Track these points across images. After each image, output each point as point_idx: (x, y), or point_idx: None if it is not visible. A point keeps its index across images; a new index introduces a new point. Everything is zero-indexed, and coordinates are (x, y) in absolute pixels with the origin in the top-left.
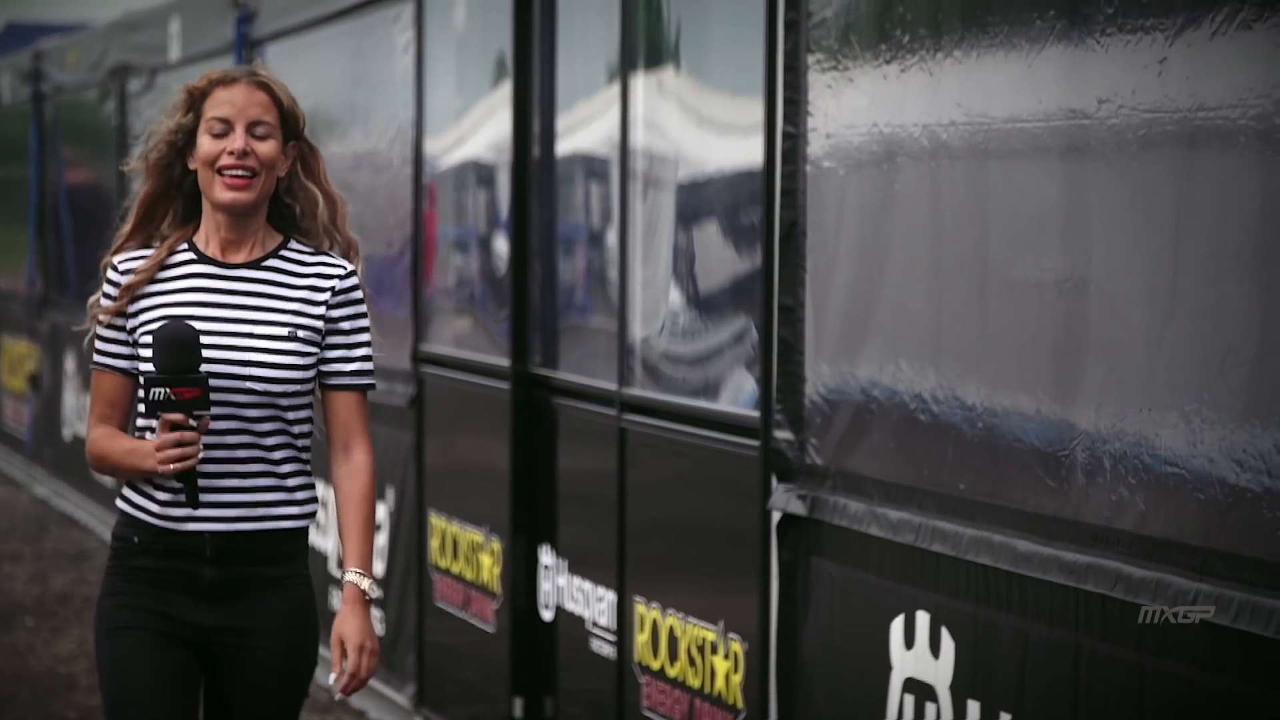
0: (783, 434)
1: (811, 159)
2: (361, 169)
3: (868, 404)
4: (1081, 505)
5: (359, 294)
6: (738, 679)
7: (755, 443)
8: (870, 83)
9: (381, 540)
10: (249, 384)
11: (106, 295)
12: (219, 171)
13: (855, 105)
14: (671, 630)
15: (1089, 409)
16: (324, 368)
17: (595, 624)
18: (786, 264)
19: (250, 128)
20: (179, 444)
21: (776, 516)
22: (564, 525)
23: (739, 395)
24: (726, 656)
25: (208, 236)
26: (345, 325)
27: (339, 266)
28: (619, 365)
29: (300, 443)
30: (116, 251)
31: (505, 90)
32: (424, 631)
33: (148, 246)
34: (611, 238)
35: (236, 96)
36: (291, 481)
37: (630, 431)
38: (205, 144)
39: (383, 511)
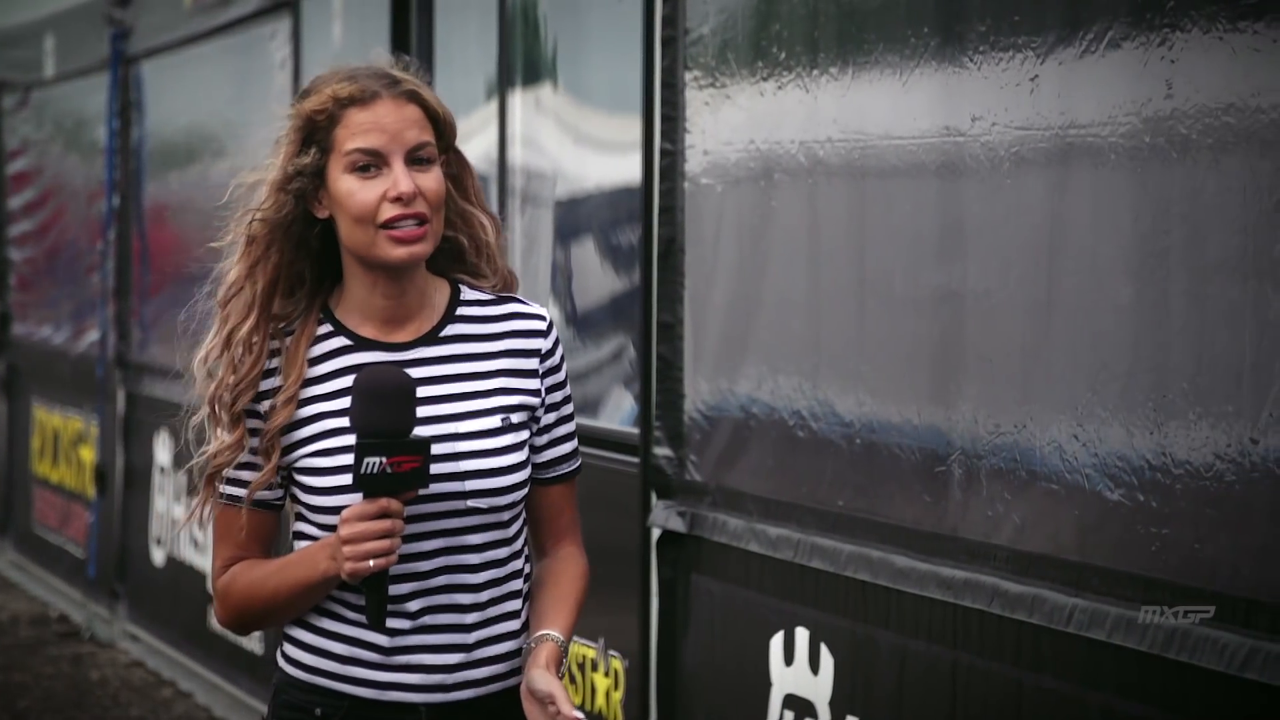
0: (662, 451)
1: (689, 176)
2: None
3: (747, 420)
4: (959, 521)
5: (561, 351)
6: (618, 696)
7: (635, 460)
8: (748, 100)
9: None
10: (469, 501)
11: (247, 428)
12: (383, 225)
13: (733, 122)
14: None
15: (966, 424)
16: (533, 455)
17: None
18: (665, 281)
19: (410, 157)
20: (385, 534)
21: (656, 533)
22: None
23: (618, 412)
24: (607, 674)
25: (357, 308)
26: (557, 396)
27: (536, 318)
28: None
29: (521, 546)
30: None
31: None
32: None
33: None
34: None
35: (384, 117)
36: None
37: None
38: (351, 189)
39: None
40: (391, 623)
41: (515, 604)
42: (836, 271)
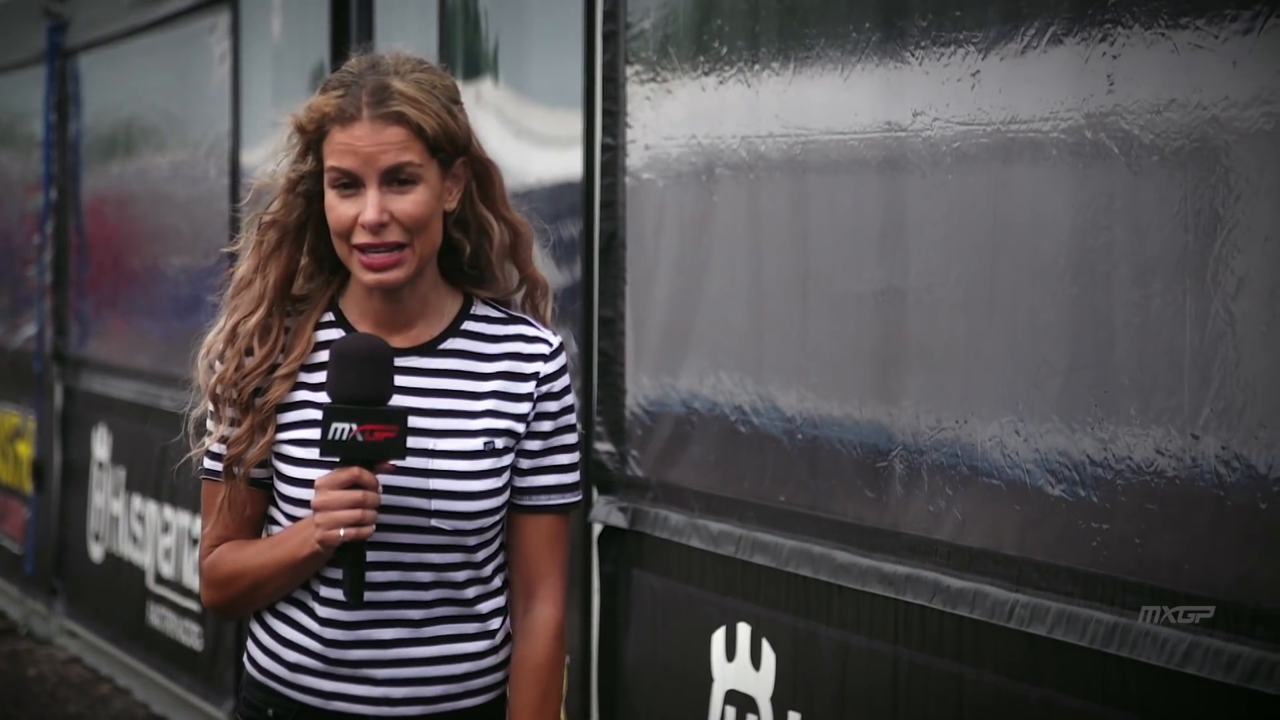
0: (604, 446)
1: (631, 171)
2: (178, 179)
3: (688, 416)
4: (900, 516)
5: (567, 379)
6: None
7: None
8: (689, 95)
9: None
10: (433, 521)
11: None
12: (355, 248)
13: (674, 117)
14: None
15: (907, 420)
16: (514, 479)
17: None
18: (606, 276)
19: (386, 179)
20: (358, 504)
21: (598, 529)
22: None
23: None
24: None
25: (357, 305)
26: (547, 425)
27: (542, 341)
28: None
29: (490, 573)
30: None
31: None
32: (243, 646)
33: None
34: None
35: (359, 140)
36: (494, 623)
37: None
38: (332, 204)
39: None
40: (331, 633)
41: (474, 626)
42: (778, 267)
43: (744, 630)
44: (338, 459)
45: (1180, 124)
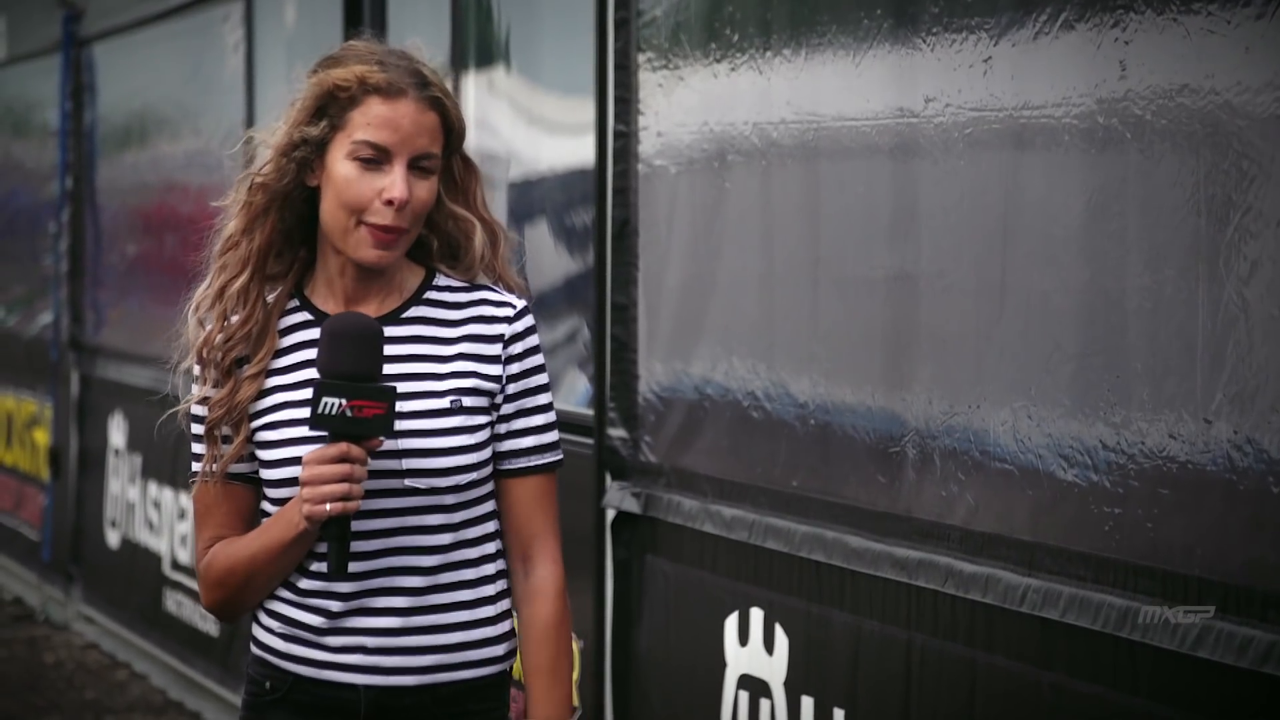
0: (617, 432)
1: (643, 158)
2: (192, 168)
3: (701, 402)
4: (912, 501)
5: (535, 338)
6: (574, 677)
7: (589, 441)
8: (701, 81)
9: None
10: (406, 481)
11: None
12: (363, 221)
13: (686, 104)
14: None
15: (919, 405)
16: (494, 445)
17: None
18: (619, 263)
19: (413, 163)
20: (345, 478)
21: (611, 514)
22: None
23: (573, 394)
24: None
25: (325, 283)
26: (519, 385)
27: (506, 304)
28: None
29: (477, 537)
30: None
31: None
32: None
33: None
34: None
35: (402, 117)
36: (487, 590)
37: None
38: (349, 176)
39: None
40: (325, 603)
41: (464, 594)
42: (790, 253)
43: (757, 615)
44: (325, 434)
45: (1193, 109)
